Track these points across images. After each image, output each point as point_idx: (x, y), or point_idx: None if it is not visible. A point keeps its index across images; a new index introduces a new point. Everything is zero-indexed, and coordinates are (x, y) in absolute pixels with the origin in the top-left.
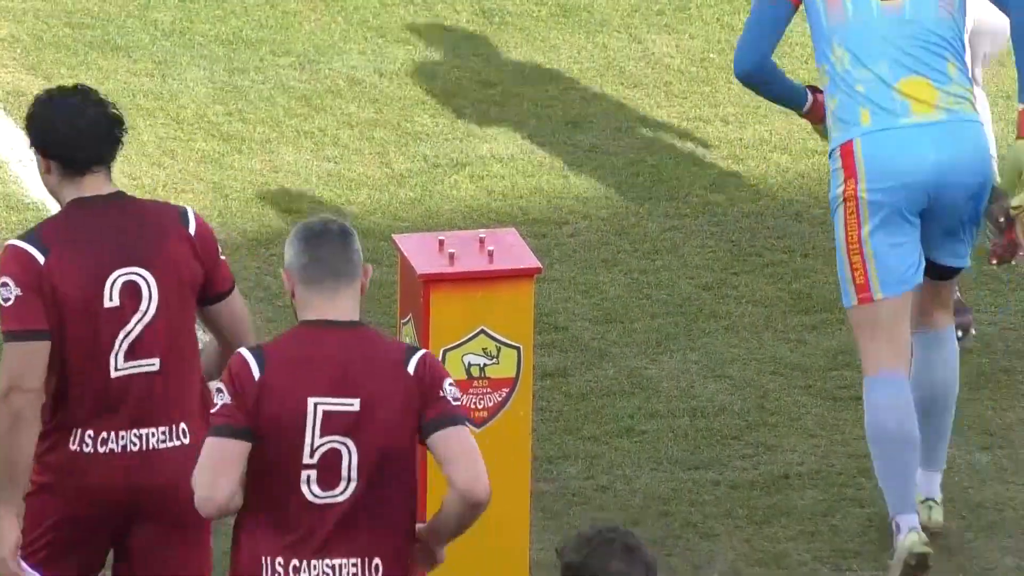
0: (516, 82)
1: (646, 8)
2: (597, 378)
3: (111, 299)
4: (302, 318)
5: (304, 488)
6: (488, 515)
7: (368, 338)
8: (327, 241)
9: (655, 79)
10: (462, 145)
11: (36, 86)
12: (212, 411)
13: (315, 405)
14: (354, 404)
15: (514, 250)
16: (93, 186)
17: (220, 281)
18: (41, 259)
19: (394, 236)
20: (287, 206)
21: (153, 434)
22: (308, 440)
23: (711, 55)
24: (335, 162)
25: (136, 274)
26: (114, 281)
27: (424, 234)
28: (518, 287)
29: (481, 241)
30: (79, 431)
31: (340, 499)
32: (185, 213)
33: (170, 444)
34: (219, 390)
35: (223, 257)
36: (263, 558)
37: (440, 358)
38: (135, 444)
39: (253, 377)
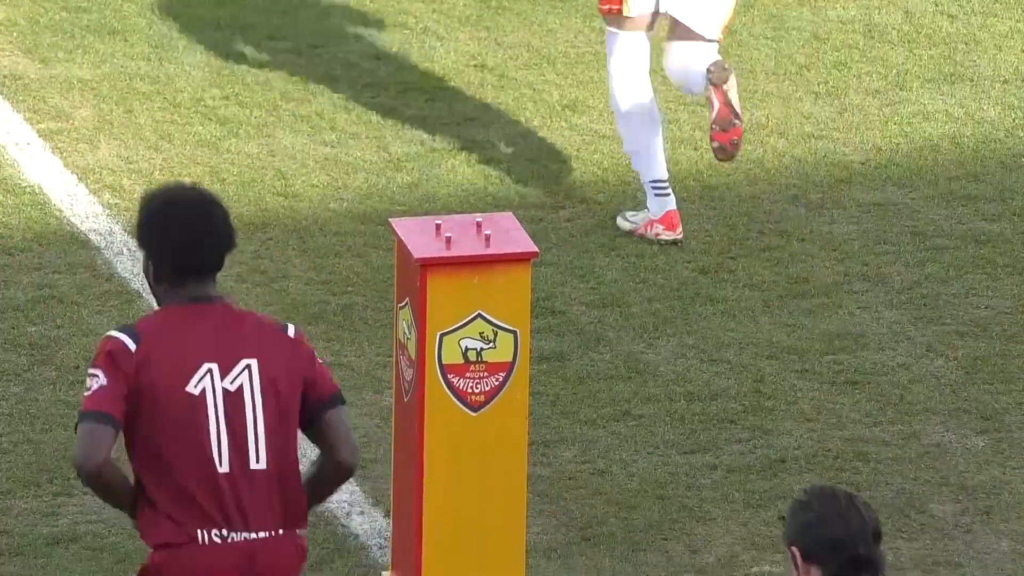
0: (513, 66)
1: None
2: (594, 362)
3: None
4: None
5: None
6: (484, 498)
7: None
8: None
9: (652, 63)
10: (459, 129)
11: (32, 69)
12: None
13: None
14: None
15: (511, 234)
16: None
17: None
18: None
19: (391, 220)
20: (284, 190)
21: None
22: None
23: None
24: (332, 146)
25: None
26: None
27: (421, 218)
28: (515, 271)
29: (478, 225)
30: None
31: None
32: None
33: None
34: None
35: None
36: None
37: (437, 342)
38: None
39: None
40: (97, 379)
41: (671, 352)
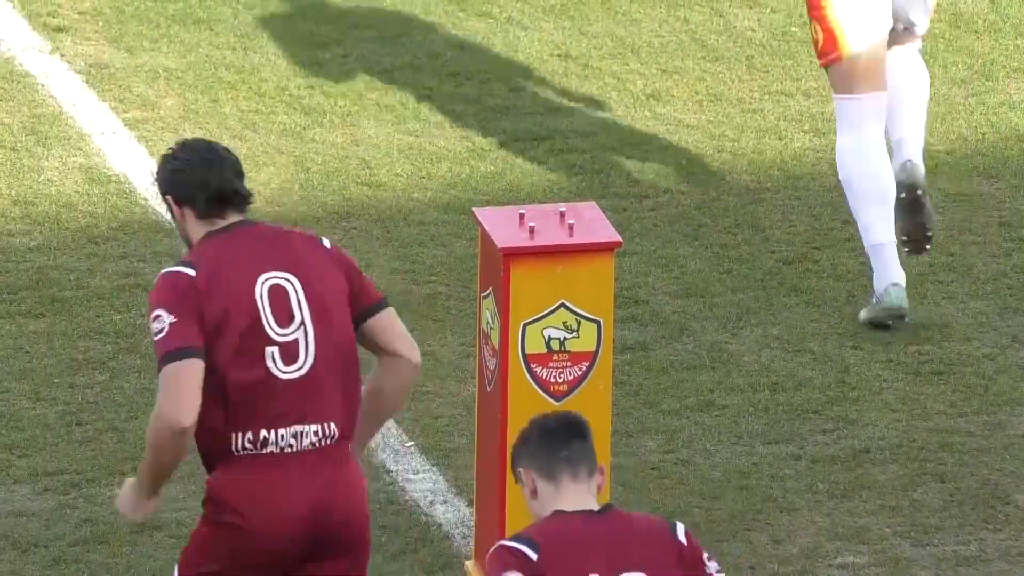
0: (597, 55)
1: None
2: (677, 352)
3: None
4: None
5: None
6: None
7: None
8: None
9: (736, 52)
10: (543, 119)
11: (118, 59)
12: None
13: None
14: None
15: (594, 224)
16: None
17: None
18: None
19: (474, 210)
20: (368, 180)
21: None
22: None
23: (792, 28)
24: (416, 136)
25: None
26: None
27: (504, 208)
28: (598, 261)
29: (561, 215)
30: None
31: None
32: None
33: None
34: None
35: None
36: None
37: (520, 332)
38: None
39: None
40: None
41: (755, 342)
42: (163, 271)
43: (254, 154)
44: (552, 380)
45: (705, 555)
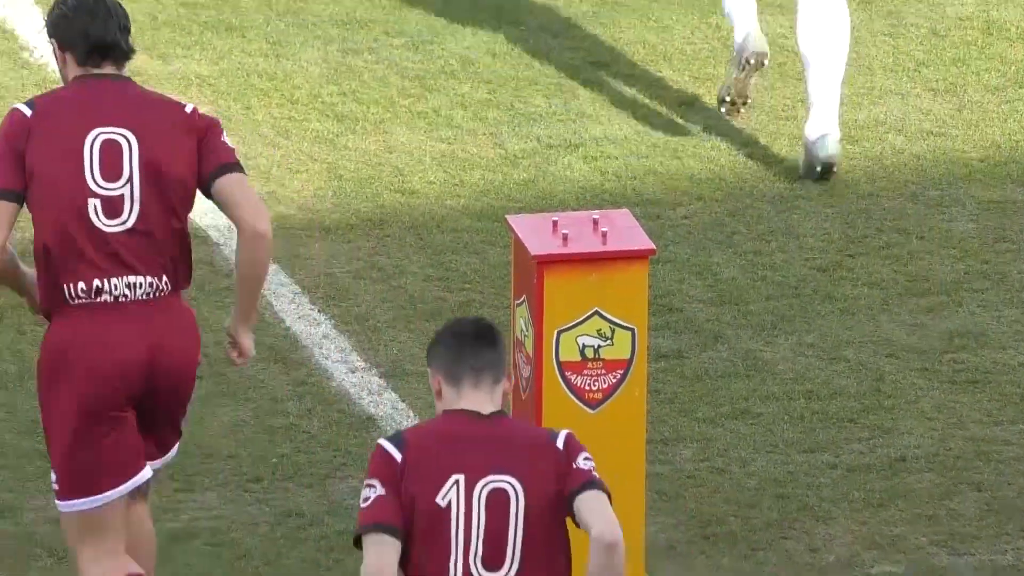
0: (630, 63)
1: None
2: (712, 360)
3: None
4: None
5: None
6: None
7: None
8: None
9: (769, 60)
10: (576, 126)
11: (152, 67)
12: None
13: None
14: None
15: (628, 231)
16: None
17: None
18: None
19: (507, 217)
20: (401, 187)
21: None
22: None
23: None
24: (448, 143)
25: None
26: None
27: (538, 215)
28: (632, 268)
29: (595, 222)
30: None
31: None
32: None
33: None
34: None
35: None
36: None
37: (554, 340)
38: None
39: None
40: None
41: (790, 350)
42: (13, 104)
43: (287, 161)
44: (587, 388)
45: (582, 455)
